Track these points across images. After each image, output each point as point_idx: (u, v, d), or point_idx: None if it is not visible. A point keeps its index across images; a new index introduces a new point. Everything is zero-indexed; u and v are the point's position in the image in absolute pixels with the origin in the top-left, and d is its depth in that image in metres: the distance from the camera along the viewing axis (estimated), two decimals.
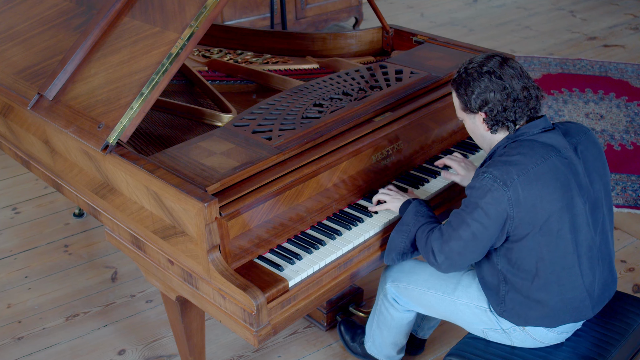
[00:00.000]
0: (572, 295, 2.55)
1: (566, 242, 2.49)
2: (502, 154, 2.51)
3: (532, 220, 2.43)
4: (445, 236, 2.54)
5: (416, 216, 2.71)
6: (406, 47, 3.86)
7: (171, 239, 2.61)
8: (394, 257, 2.76)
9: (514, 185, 2.40)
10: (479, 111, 2.53)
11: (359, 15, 7.42)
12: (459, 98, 2.59)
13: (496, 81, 2.48)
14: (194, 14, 2.73)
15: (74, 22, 3.24)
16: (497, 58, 2.53)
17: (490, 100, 2.49)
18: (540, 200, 2.42)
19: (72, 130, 2.85)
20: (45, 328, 3.75)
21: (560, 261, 2.50)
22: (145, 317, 3.80)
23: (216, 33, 4.18)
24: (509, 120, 2.51)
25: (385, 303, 2.99)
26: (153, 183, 2.55)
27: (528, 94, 2.51)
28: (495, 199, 2.41)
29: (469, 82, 2.52)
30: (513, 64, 2.53)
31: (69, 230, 4.50)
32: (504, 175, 2.41)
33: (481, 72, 2.50)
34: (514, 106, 2.49)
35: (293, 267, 2.62)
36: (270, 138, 2.77)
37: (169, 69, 2.70)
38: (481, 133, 2.61)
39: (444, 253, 2.55)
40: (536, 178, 2.42)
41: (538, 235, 2.46)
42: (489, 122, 2.53)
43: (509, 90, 2.48)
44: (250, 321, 2.43)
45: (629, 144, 5.29)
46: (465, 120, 2.65)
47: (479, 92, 2.50)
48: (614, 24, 7.81)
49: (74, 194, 3.14)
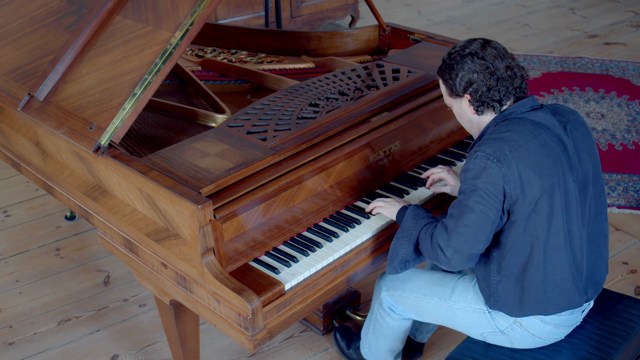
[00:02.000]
0: (560, 276, 2.56)
1: (558, 219, 2.50)
2: (493, 132, 2.54)
3: (527, 197, 2.44)
4: (450, 228, 2.52)
5: (416, 219, 2.69)
6: (403, 45, 3.87)
7: (164, 242, 2.62)
8: (397, 266, 2.72)
9: (508, 161, 2.42)
10: (464, 93, 2.56)
11: (355, 13, 7.42)
12: (444, 84, 2.63)
13: (478, 62, 2.51)
14: (187, 12, 2.73)
15: (65, 21, 3.24)
16: (479, 40, 2.57)
17: (474, 81, 2.52)
18: (534, 175, 2.44)
19: (64, 131, 2.85)
20: (36, 333, 3.75)
21: (552, 239, 2.52)
22: (138, 322, 3.80)
23: (210, 32, 4.19)
24: (494, 100, 2.54)
25: (381, 312, 2.98)
26: (146, 185, 2.55)
27: (512, 73, 2.53)
28: (491, 176, 2.43)
29: (452, 65, 2.56)
30: (495, 44, 2.56)
31: (61, 234, 4.49)
32: (497, 152, 2.43)
33: (463, 54, 2.54)
34: (497, 85, 2.52)
35: (289, 270, 2.62)
36: (265, 139, 2.78)
37: (161, 69, 2.71)
38: (469, 117, 2.64)
39: (452, 246, 2.52)
40: (528, 154, 2.44)
41: (533, 213, 2.47)
42: (475, 103, 2.56)
43: (492, 70, 2.51)
44: (246, 325, 2.43)
45: (631, 143, 5.29)
46: (453, 107, 2.68)
47: (462, 74, 2.53)
48: (614, 21, 7.82)
49: (66, 197, 3.14)
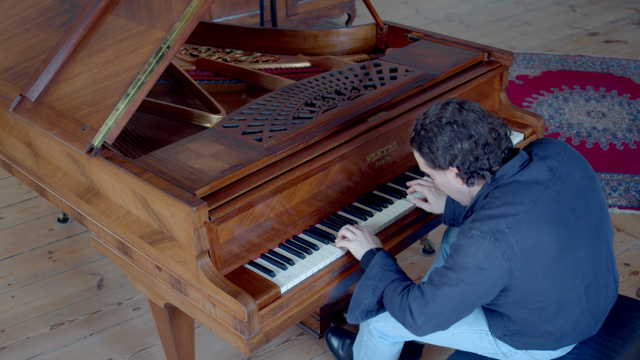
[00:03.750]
0: (577, 322, 2.51)
1: (571, 278, 2.41)
2: (485, 205, 2.37)
3: (532, 269, 2.33)
4: (428, 296, 2.38)
5: (383, 270, 2.56)
6: (401, 44, 3.87)
7: (159, 245, 2.62)
8: (358, 315, 2.62)
9: (506, 239, 2.27)
10: (450, 166, 2.39)
11: (352, 11, 7.42)
12: (422, 157, 2.45)
13: (460, 130, 2.34)
14: (181, 11, 2.73)
15: (57, 20, 3.24)
16: (452, 104, 2.39)
17: (459, 153, 2.34)
18: (538, 248, 2.31)
19: (56, 132, 2.85)
20: (29, 337, 3.75)
21: (566, 297, 2.43)
22: (132, 326, 3.80)
23: (204, 31, 4.19)
24: (483, 169, 2.37)
25: (372, 340, 2.88)
26: (140, 187, 2.56)
27: (497, 135, 2.37)
28: (487, 255, 2.28)
29: (430, 138, 2.38)
30: (472, 105, 2.39)
31: (53, 236, 4.50)
32: (493, 229, 2.27)
33: (441, 124, 2.36)
34: (485, 152, 2.35)
35: (285, 272, 2.62)
36: (261, 139, 2.78)
37: (155, 69, 2.71)
38: (457, 188, 2.48)
39: (426, 315, 2.39)
40: (529, 227, 2.30)
41: (541, 280, 2.36)
42: (463, 175, 2.40)
43: (477, 137, 2.33)
44: (242, 329, 2.44)
45: (632, 142, 5.30)
46: (435, 177, 2.51)
47: (444, 147, 2.36)
48: (615, 18, 7.83)
49: (58, 199, 3.14)
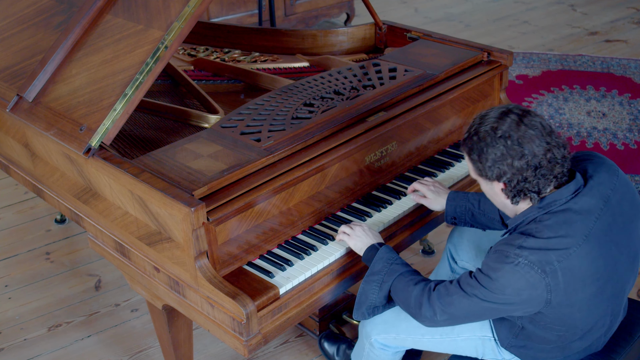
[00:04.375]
0: (592, 342, 2.50)
1: (603, 310, 2.40)
2: (535, 232, 2.28)
3: (571, 301, 2.29)
4: (455, 299, 2.36)
5: (389, 264, 2.56)
6: (400, 43, 3.87)
7: (157, 246, 2.62)
8: (365, 312, 2.63)
9: (554, 272, 2.22)
10: (497, 181, 2.32)
11: (351, 11, 7.43)
12: (472, 163, 2.37)
13: (513, 147, 2.24)
14: (179, 10, 2.73)
15: (54, 20, 3.24)
16: (512, 116, 2.28)
17: (508, 170, 2.27)
18: (582, 283, 2.27)
19: (53, 133, 2.85)
20: (26, 339, 3.75)
21: (593, 325, 2.42)
22: (130, 327, 3.80)
23: (202, 31, 4.19)
24: (531, 191, 2.29)
25: (373, 351, 2.85)
26: (137, 187, 2.56)
27: (552, 157, 2.26)
28: (530, 285, 2.23)
29: (481, 148, 2.30)
30: (532, 120, 2.27)
31: (51, 237, 4.49)
32: (542, 261, 2.21)
33: (495, 136, 2.27)
34: (535, 175, 2.26)
35: (284, 273, 2.62)
36: (259, 139, 2.78)
37: (153, 69, 2.71)
38: (502, 201, 2.40)
39: (448, 314, 2.38)
40: (579, 262, 2.24)
41: (576, 311, 2.33)
42: (509, 192, 2.32)
43: (529, 158, 2.24)
44: (240, 330, 2.44)
45: (633, 142, 5.30)
46: (481, 184, 2.43)
47: (494, 160, 2.28)
48: (616, 18, 7.83)
49: (56, 200, 3.14)
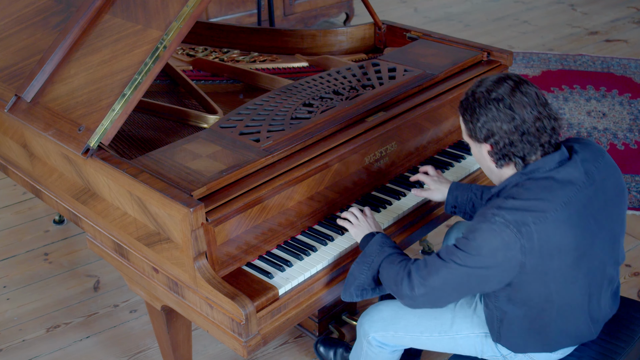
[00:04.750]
0: (575, 326, 2.51)
1: (579, 286, 2.41)
2: (515, 194, 2.33)
3: (545, 269, 2.32)
4: (432, 268, 2.38)
5: (381, 247, 2.59)
6: (399, 43, 3.88)
7: (156, 246, 2.62)
8: (353, 292, 2.61)
9: (529, 233, 2.25)
10: (485, 142, 2.39)
11: (350, 10, 7.43)
12: (464, 124, 2.45)
13: (504, 110, 2.31)
14: (178, 10, 2.73)
15: (53, 20, 3.24)
16: (509, 82, 2.35)
17: (497, 132, 2.33)
18: (558, 250, 2.30)
19: (52, 133, 2.85)
20: (25, 340, 3.74)
21: (569, 302, 2.43)
22: (129, 328, 3.80)
23: (201, 31, 4.19)
24: (516, 155, 2.35)
25: (371, 349, 2.85)
26: (136, 188, 2.56)
27: (541, 126, 2.33)
28: (506, 244, 2.26)
29: (474, 108, 2.37)
30: (527, 88, 2.34)
31: (49, 238, 4.49)
32: (519, 221, 2.25)
33: (489, 98, 2.34)
34: (522, 140, 2.32)
35: (283, 274, 2.62)
36: (259, 140, 2.78)
37: (152, 69, 2.71)
38: (488, 165, 2.46)
39: (426, 286, 2.38)
40: (555, 227, 2.28)
41: (551, 282, 2.35)
42: (494, 155, 2.39)
43: (518, 122, 2.30)
44: (239, 331, 2.44)
45: (633, 142, 5.30)
46: (472, 147, 2.50)
47: (484, 121, 2.35)
48: (616, 17, 7.83)
49: (54, 200, 3.14)
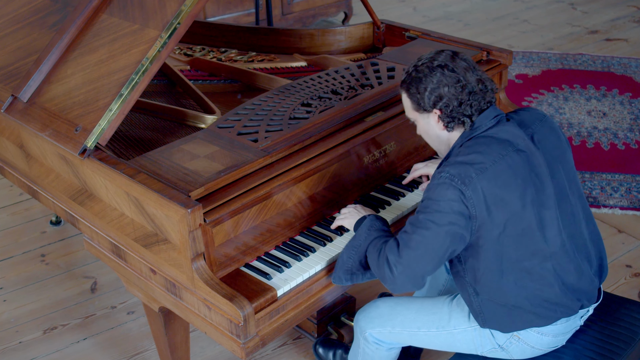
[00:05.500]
0: (546, 291, 2.53)
1: (534, 239, 2.47)
2: (458, 153, 2.48)
3: (495, 220, 2.41)
4: (402, 243, 2.46)
5: (369, 231, 2.63)
6: (398, 43, 3.88)
7: (153, 247, 2.62)
8: (342, 276, 2.64)
9: (473, 184, 2.37)
10: (433, 108, 2.51)
11: (349, 10, 7.43)
12: (410, 98, 2.56)
13: (449, 74, 2.46)
14: (175, 10, 2.73)
15: (49, 20, 3.24)
16: (447, 52, 2.52)
17: (445, 95, 2.47)
18: (501, 199, 2.40)
19: (48, 133, 2.85)
20: (22, 342, 3.74)
21: (528, 259, 2.48)
22: (126, 330, 3.80)
23: (198, 30, 4.19)
24: (465, 115, 2.49)
25: (368, 346, 2.88)
26: (134, 188, 2.56)
27: (484, 87, 2.50)
28: (454, 197, 2.38)
29: (420, 78, 2.50)
30: (464, 56, 2.52)
31: (46, 239, 4.49)
32: (462, 173, 2.38)
33: (432, 66, 2.48)
34: (469, 99, 2.47)
35: (281, 275, 2.62)
36: (257, 140, 2.78)
37: (149, 69, 2.71)
38: (436, 133, 2.58)
39: (402, 263, 2.45)
40: (495, 176, 2.39)
41: (502, 236, 2.43)
42: (445, 118, 2.51)
43: (464, 83, 2.46)
44: (237, 333, 2.44)
45: (634, 142, 5.31)
46: (418, 121, 2.62)
47: (432, 88, 2.48)
48: (616, 16, 7.84)
49: (51, 201, 3.14)
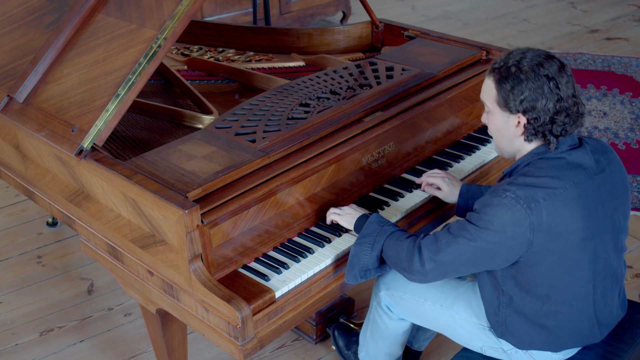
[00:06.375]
0: (581, 323, 2.53)
1: (584, 272, 2.44)
2: (526, 173, 2.40)
3: (552, 248, 2.36)
4: (443, 243, 2.43)
5: (381, 225, 2.63)
6: (397, 42, 3.88)
7: (150, 249, 2.62)
8: (357, 274, 2.65)
9: (539, 210, 2.31)
10: (522, 114, 2.40)
11: (347, 9, 7.43)
12: (498, 91, 2.42)
13: (553, 89, 2.34)
14: (172, 9, 2.73)
15: (45, 19, 3.24)
16: (556, 61, 2.38)
17: (540, 109, 2.35)
18: (565, 229, 2.34)
19: (45, 134, 2.85)
20: (18, 344, 3.74)
21: (574, 290, 2.46)
22: (123, 332, 3.80)
23: (196, 30, 4.19)
24: (553, 134, 2.39)
25: (379, 311, 2.96)
26: (130, 189, 2.56)
27: (577, 111, 2.39)
28: (515, 220, 2.31)
29: (521, 80, 2.36)
30: (568, 71, 2.39)
31: (42, 241, 4.49)
32: (529, 197, 2.31)
33: (539, 73, 2.35)
34: (564, 121, 2.37)
35: (280, 276, 2.62)
36: (254, 140, 2.78)
37: (146, 69, 2.71)
38: (510, 135, 2.48)
39: (436, 262, 2.44)
40: (564, 205, 2.33)
41: (556, 263, 2.39)
42: (530, 129, 2.41)
43: (563, 104, 2.35)
44: (235, 334, 2.44)
45: (634, 142, 5.31)
46: (495, 115, 2.49)
47: (529, 95, 2.35)
48: (616, 15, 7.84)
49: (47, 202, 3.14)
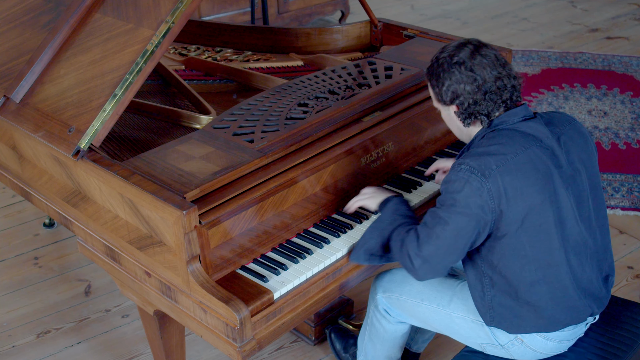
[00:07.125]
0: (563, 293, 2.55)
1: (550, 236, 2.49)
2: (479, 144, 2.53)
3: (514, 213, 2.43)
4: (422, 237, 2.51)
5: (394, 215, 2.70)
6: (396, 41, 3.88)
7: (148, 250, 2.62)
8: (361, 255, 2.71)
9: (493, 176, 2.40)
10: (451, 104, 2.57)
11: (345, 8, 7.43)
12: (431, 89, 2.63)
13: (466, 73, 2.50)
14: (170, 9, 2.73)
15: (42, 19, 3.24)
16: (469, 46, 2.54)
17: (461, 93, 2.52)
18: (521, 192, 2.42)
19: (41, 134, 2.85)
20: (15, 346, 3.74)
21: (545, 257, 2.51)
22: (121, 333, 3.80)
23: (193, 29, 4.19)
24: (481, 113, 2.54)
25: (376, 314, 2.97)
26: (128, 190, 2.56)
27: (502, 84, 2.52)
28: (474, 190, 2.41)
29: (439, 73, 2.56)
30: (486, 51, 2.54)
31: (39, 242, 4.49)
32: (482, 165, 2.41)
33: (451, 62, 2.52)
34: (485, 99, 2.51)
35: (278, 277, 2.62)
36: (252, 141, 2.78)
37: (143, 68, 2.71)
38: (457, 125, 2.64)
39: (421, 256, 2.51)
40: (516, 168, 2.43)
41: (520, 231, 2.46)
42: (461, 115, 2.57)
43: (480, 82, 2.49)
44: (234, 336, 2.44)
45: (635, 142, 5.31)
46: (441, 112, 2.68)
47: (448, 85, 2.53)
48: (617, 14, 7.85)
49: (44, 203, 3.14)
